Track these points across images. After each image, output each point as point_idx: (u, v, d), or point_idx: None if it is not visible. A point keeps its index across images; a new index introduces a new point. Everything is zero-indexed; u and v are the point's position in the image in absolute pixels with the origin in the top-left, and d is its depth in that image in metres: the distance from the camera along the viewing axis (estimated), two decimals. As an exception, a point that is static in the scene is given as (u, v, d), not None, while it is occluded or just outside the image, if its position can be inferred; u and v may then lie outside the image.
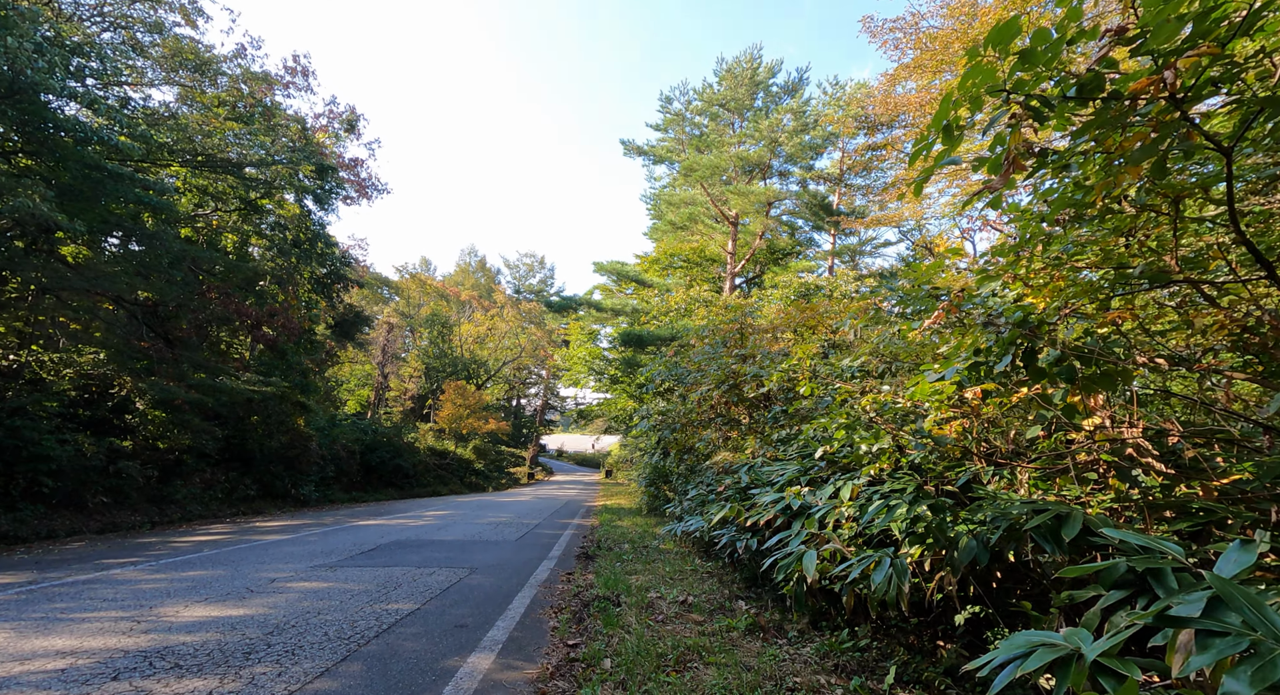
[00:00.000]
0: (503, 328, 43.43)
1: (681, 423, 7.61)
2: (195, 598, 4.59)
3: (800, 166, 17.57)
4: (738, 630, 3.82)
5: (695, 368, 7.55)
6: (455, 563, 6.63)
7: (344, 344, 34.34)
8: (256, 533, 9.86)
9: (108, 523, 11.58)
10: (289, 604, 4.41)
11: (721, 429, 6.63)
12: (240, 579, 5.40)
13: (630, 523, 11.70)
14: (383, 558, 6.86)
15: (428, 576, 5.72)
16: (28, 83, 6.13)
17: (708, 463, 5.97)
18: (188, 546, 8.03)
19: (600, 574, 5.96)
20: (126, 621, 3.85)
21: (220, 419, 16.02)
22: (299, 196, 14.34)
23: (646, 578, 5.67)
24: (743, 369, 6.19)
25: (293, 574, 5.71)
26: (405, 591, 5.00)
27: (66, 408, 12.72)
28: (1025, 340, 2.33)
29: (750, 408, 6.73)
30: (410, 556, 7.01)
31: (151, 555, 7.06)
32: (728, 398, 6.40)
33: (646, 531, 9.98)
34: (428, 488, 26.16)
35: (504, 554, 7.54)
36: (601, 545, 8.43)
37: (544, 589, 5.36)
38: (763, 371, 5.91)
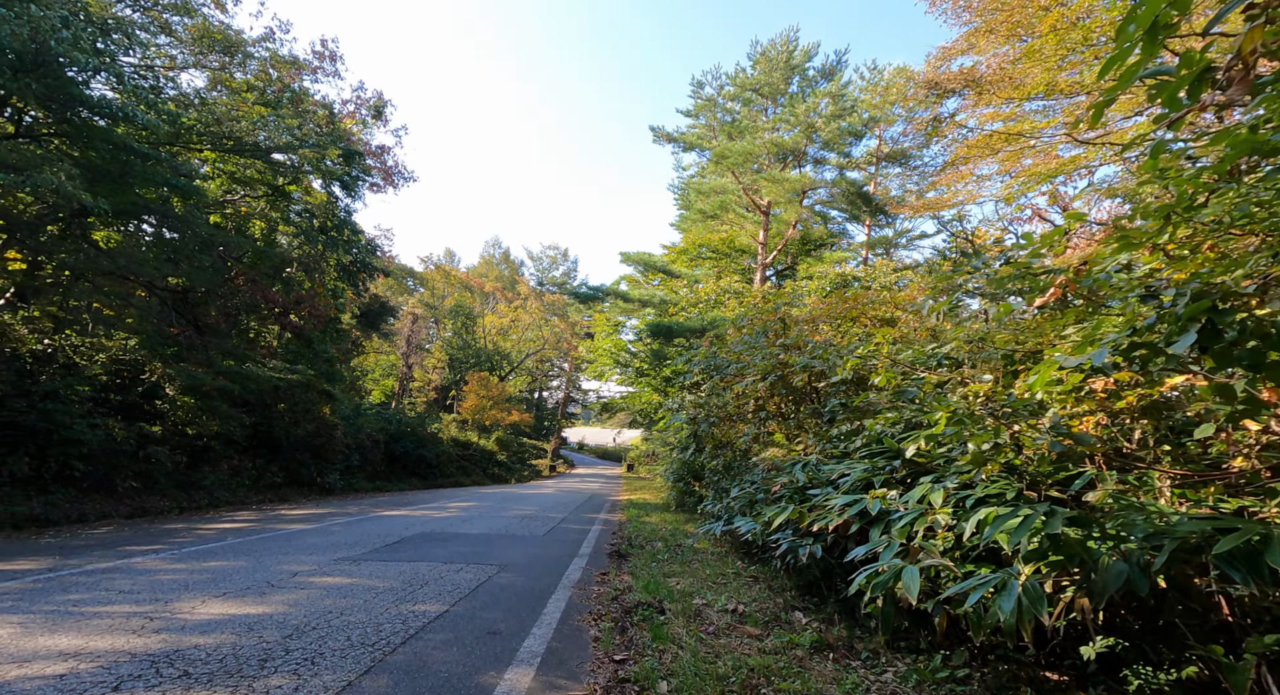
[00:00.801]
0: (526, 319, 43.38)
1: (719, 416, 7.18)
2: (214, 592, 4.33)
3: (837, 154, 16.88)
4: (802, 648, 3.40)
5: (735, 358, 7.10)
6: (483, 559, 6.33)
7: (369, 334, 34.63)
8: (281, 521, 9.72)
9: (137, 507, 11.61)
10: (310, 602, 4.12)
11: (766, 423, 6.18)
12: (261, 571, 5.15)
13: (659, 519, 11.33)
14: (408, 551, 6.59)
15: (455, 574, 5.41)
16: (52, 56, 5.95)
17: (755, 459, 5.53)
18: (212, 534, 7.88)
19: (637, 575, 5.59)
20: (139, 618, 3.58)
21: (248, 406, 16.06)
22: (326, 183, 14.20)
23: (687, 581, 5.28)
24: (791, 359, 5.73)
25: (315, 567, 5.44)
26: (432, 590, 4.68)
27: (98, 392, 12.80)
28: (1214, 316, 1.85)
29: (797, 401, 6.27)
30: (436, 551, 6.72)
31: (175, 543, 6.90)
32: (775, 390, 5.95)
33: (677, 529, 9.60)
34: (451, 478, 26.17)
35: (532, 550, 7.22)
36: (633, 543, 8.06)
37: (578, 591, 4.99)
38: (815, 362, 5.44)
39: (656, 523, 10.74)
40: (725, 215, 17.62)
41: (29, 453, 10.56)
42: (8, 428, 10.21)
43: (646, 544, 8.07)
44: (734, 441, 8.04)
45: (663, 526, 10.10)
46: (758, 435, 6.19)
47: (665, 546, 7.71)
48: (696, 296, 16.69)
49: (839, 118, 15.37)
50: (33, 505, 9.78)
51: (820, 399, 6.09)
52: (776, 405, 6.30)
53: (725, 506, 6.42)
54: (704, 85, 18.45)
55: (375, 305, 32.14)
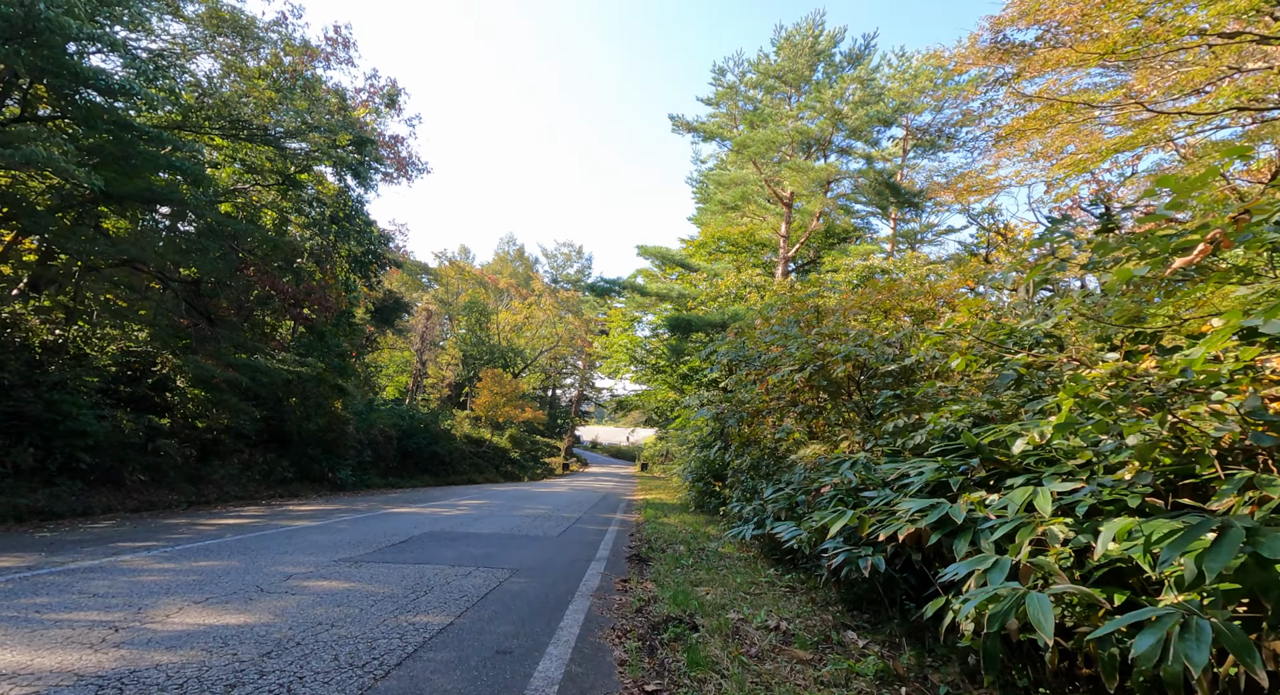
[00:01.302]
0: (540, 316, 43.07)
1: (749, 411, 6.64)
2: (196, 597, 3.90)
3: (864, 143, 16.16)
4: (865, 678, 2.86)
5: (764, 349, 6.56)
6: (493, 561, 5.86)
7: (383, 330, 34.56)
8: (287, 517, 9.37)
9: (144, 501, 11.36)
10: (300, 611, 3.67)
11: (805, 418, 5.64)
12: (254, 573, 4.72)
13: (678, 521, 10.81)
14: (414, 552, 6.15)
15: (463, 578, 4.94)
16: (42, 23, 5.62)
17: (793, 458, 4.99)
18: (212, 530, 7.52)
19: (662, 583, 5.08)
20: (103, 628, 3.15)
21: (259, 400, 15.84)
22: (338, 171, 13.89)
23: (718, 591, 4.75)
24: (832, 348, 5.18)
25: (313, 569, 5.01)
26: (437, 598, 4.21)
27: (107, 383, 12.59)
28: None
29: (835, 395, 5.72)
30: (444, 552, 6.27)
31: (171, 539, 6.53)
32: (814, 382, 5.41)
33: (698, 531, 9.07)
34: (463, 475, 25.90)
35: (546, 552, 6.74)
36: (653, 546, 7.55)
37: (598, 600, 4.49)
38: (861, 350, 4.88)
39: (675, 524, 10.23)
40: (746, 207, 17.01)
41: (34, 444, 10.31)
42: (12, 418, 9.98)
43: (667, 547, 7.56)
44: (762, 439, 7.50)
45: (682, 528, 9.59)
46: (794, 432, 5.65)
47: (688, 550, 7.19)
48: (716, 290, 16.12)
49: (867, 104, 14.70)
50: (36, 498, 9.53)
51: (862, 391, 5.53)
52: (815, 399, 5.75)
53: (756, 509, 5.89)
54: (725, 72, 17.84)
55: (390, 301, 32.03)
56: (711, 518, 11.09)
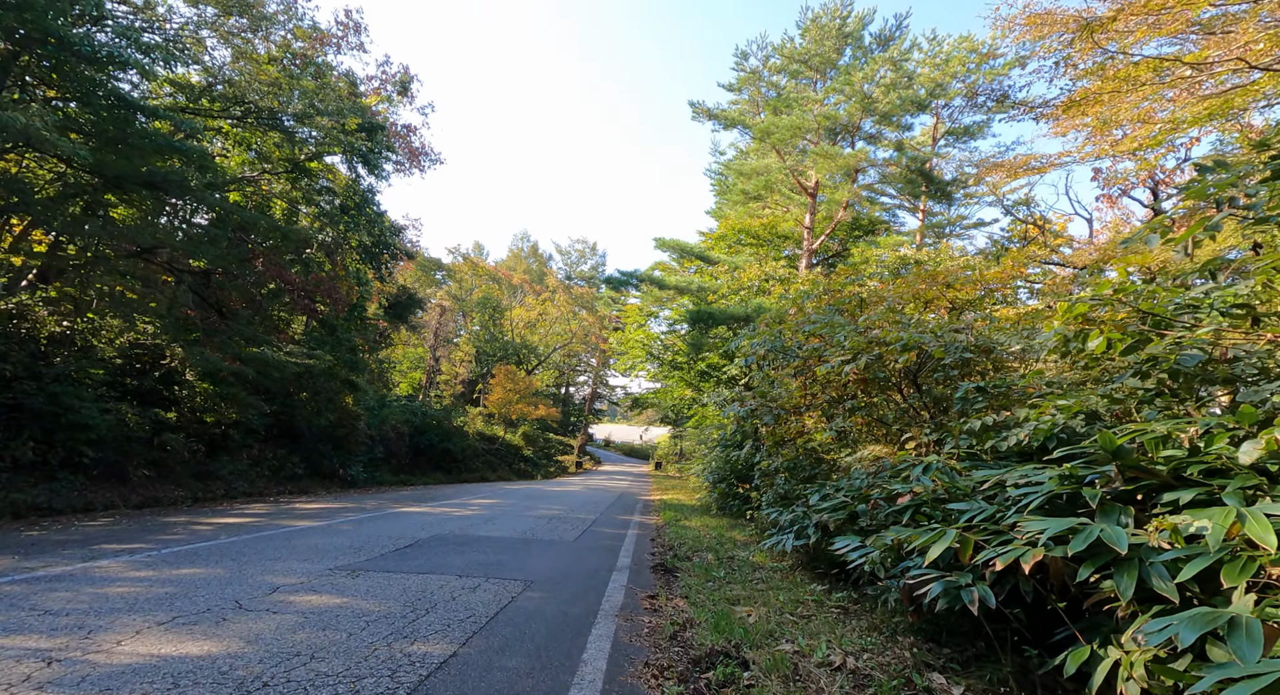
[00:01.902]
0: (554, 313, 42.62)
1: (785, 407, 6.00)
2: (161, 615, 3.37)
3: (895, 128, 15.34)
4: (973, 744, 2.24)
5: (804, 339, 5.91)
6: (505, 571, 5.30)
7: (397, 326, 34.30)
8: (290, 516, 8.91)
9: (149, 497, 11.01)
10: (277, 636, 3.11)
11: (854, 415, 4.99)
12: (238, 584, 4.20)
13: (700, 524, 10.19)
14: (419, 559, 5.60)
15: (470, 593, 4.37)
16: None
17: (848, 459, 4.34)
18: (207, 531, 7.05)
19: (695, 601, 4.47)
20: (35, 659, 2.62)
21: (268, 394, 15.51)
22: (348, 159, 13.45)
23: (761, 612, 4.14)
24: (889, 335, 4.53)
25: (304, 580, 4.48)
26: (439, 619, 3.64)
27: (113, 376, 12.27)
28: None
29: (889, 388, 5.07)
30: (452, 559, 5.72)
31: (161, 541, 6.06)
32: (869, 374, 4.76)
33: (723, 536, 8.45)
34: (476, 473, 25.50)
35: (562, 560, 6.17)
36: (678, 553, 6.95)
37: (624, 623, 3.90)
38: (928, 338, 4.23)
39: (698, 528, 9.62)
40: (769, 196, 16.29)
41: (34, 437, 9.96)
42: (13, 410, 9.63)
43: (693, 554, 6.95)
44: (797, 438, 6.85)
45: (706, 532, 8.97)
46: (845, 431, 4.99)
47: (717, 560, 6.57)
48: (738, 283, 15.44)
49: (898, 88, 13.91)
50: (36, 493, 9.18)
51: (921, 385, 4.88)
52: (868, 394, 5.10)
53: (797, 516, 5.25)
54: (748, 56, 17.07)
55: (403, 297, 31.73)
56: (736, 521, 10.46)
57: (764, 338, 6.25)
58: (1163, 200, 14.89)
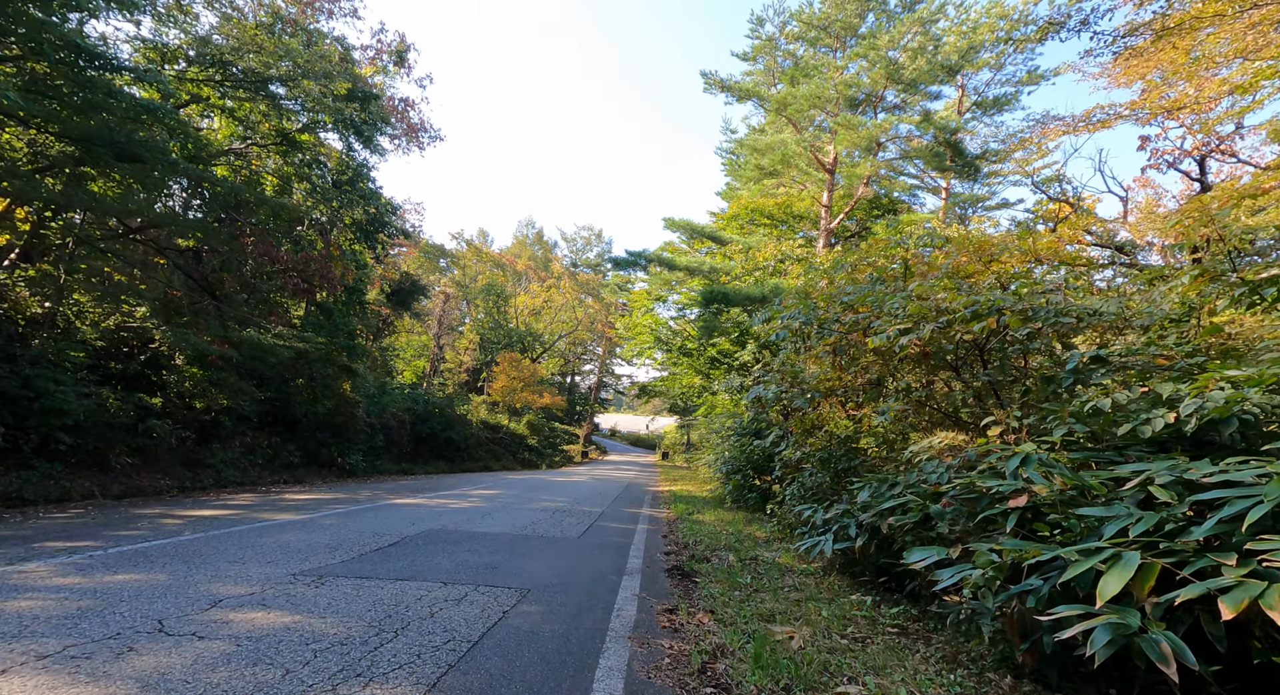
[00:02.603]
0: (559, 300, 41.84)
1: (821, 390, 5.21)
2: (52, 643, 2.66)
3: (922, 96, 14.33)
4: None
5: (840, 311, 5.11)
6: (498, 576, 4.58)
7: (400, 313, 33.69)
8: (274, 508, 8.24)
9: (132, 486, 10.41)
10: (186, 678, 2.39)
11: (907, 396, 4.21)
12: (171, 597, 3.50)
13: (714, 518, 9.47)
14: (401, 561, 4.90)
15: (453, 606, 3.65)
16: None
17: (911, 450, 3.56)
18: (174, 526, 6.38)
19: (723, 617, 3.74)
20: None
21: (262, 380, 14.89)
22: (340, 130, 12.66)
23: (805, 633, 3.39)
24: (956, 301, 3.73)
25: (256, 589, 3.77)
26: (409, 645, 2.92)
27: (96, 360, 11.63)
28: None
29: (942, 365, 4.28)
30: (439, 560, 5.01)
31: (115, 538, 5.39)
32: (932, 347, 3.97)
33: (742, 534, 7.72)
34: (479, 462, 24.91)
35: (565, 561, 5.45)
36: (695, 554, 6.22)
37: (640, 647, 3.17)
38: (1008, 300, 3.44)
39: (713, 523, 8.90)
40: (786, 172, 15.37)
41: (4, 423, 9.33)
42: (-21, 393, 9.03)
43: (711, 554, 6.23)
44: (829, 425, 6.07)
45: (722, 528, 8.25)
46: (901, 414, 4.20)
47: (739, 561, 5.84)
48: (753, 262, 14.60)
49: (926, 53, 12.91)
50: (6, 482, 8.58)
51: (985, 360, 4.08)
52: (926, 371, 4.30)
53: (839, 515, 4.50)
54: (764, 22, 16.01)
55: (406, 283, 31.07)
56: (754, 516, 9.73)
57: (795, 310, 5.45)
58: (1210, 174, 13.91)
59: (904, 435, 6.37)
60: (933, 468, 3.24)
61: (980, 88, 19.37)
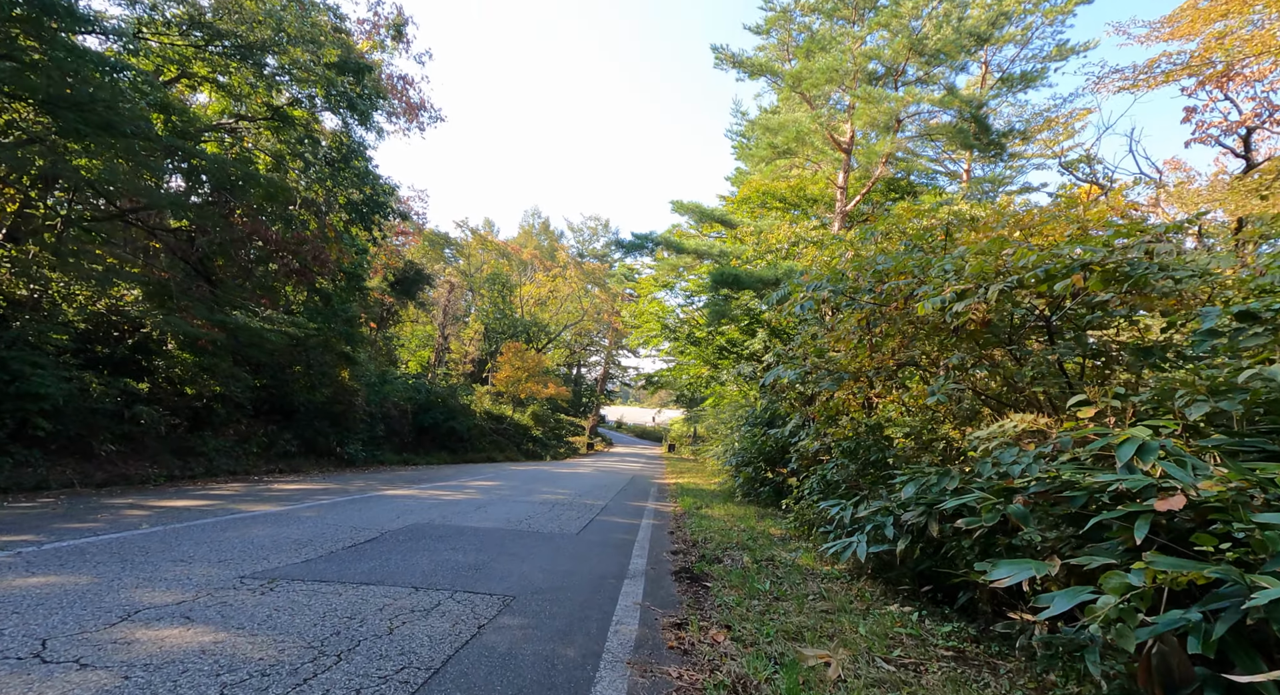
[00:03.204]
0: (565, 290, 41.22)
1: (850, 370, 4.56)
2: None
3: (948, 66, 13.47)
4: None
5: (875, 280, 4.45)
6: (481, 579, 3.99)
7: (404, 302, 33.21)
8: (256, 499, 7.71)
9: (117, 474, 9.95)
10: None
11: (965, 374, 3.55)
12: (82, 608, 2.93)
13: (724, 513, 8.86)
14: (373, 560, 4.32)
15: (420, 619, 3.06)
16: None
17: (972, 439, 2.92)
18: (135, 518, 5.84)
19: (741, 634, 3.13)
20: None
21: (258, 366, 14.43)
22: (332, 104, 12.04)
23: (843, 657, 2.78)
24: (1027, 255, 3.07)
25: (189, 596, 3.20)
26: (349, 676, 2.33)
27: (81, 343, 11.15)
28: None
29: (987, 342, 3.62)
30: (417, 560, 4.44)
31: (62, 531, 4.86)
32: (994, 314, 3.33)
33: (755, 530, 7.10)
34: (482, 453, 24.46)
35: (560, 561, 4.86)
36: (705, 554, 5.61)
37: (641, 677, 2.57)
38: (1101, 253, 2.79)
39: (723, 518, 8.29)
40: (800, 151, 14.62)
41: (-26, 407, 8.86)
42: (-51, 377, 8.57)
43: (723, 554, 5.62)
44: (856, 411, 5.43)
45: (733, 524, 7.64)
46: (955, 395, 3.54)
47: (754, 563, 5.23)
48: (765, 245, 13.90)
49: (952, 20, 12.09)
50: (-24, 468, 8.13)
51: (1053, 330, 3.42)
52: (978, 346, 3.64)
53: (876, 514, 3.87)
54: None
55: (410, 272, 30.58)
56: (766, 511, 9.12)
57: (823, 280, 4.79)
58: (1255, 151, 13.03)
59: (934, 424, 5.73)
60: (1011, 457, 2.60)
61: (1004, 65, 18.43)
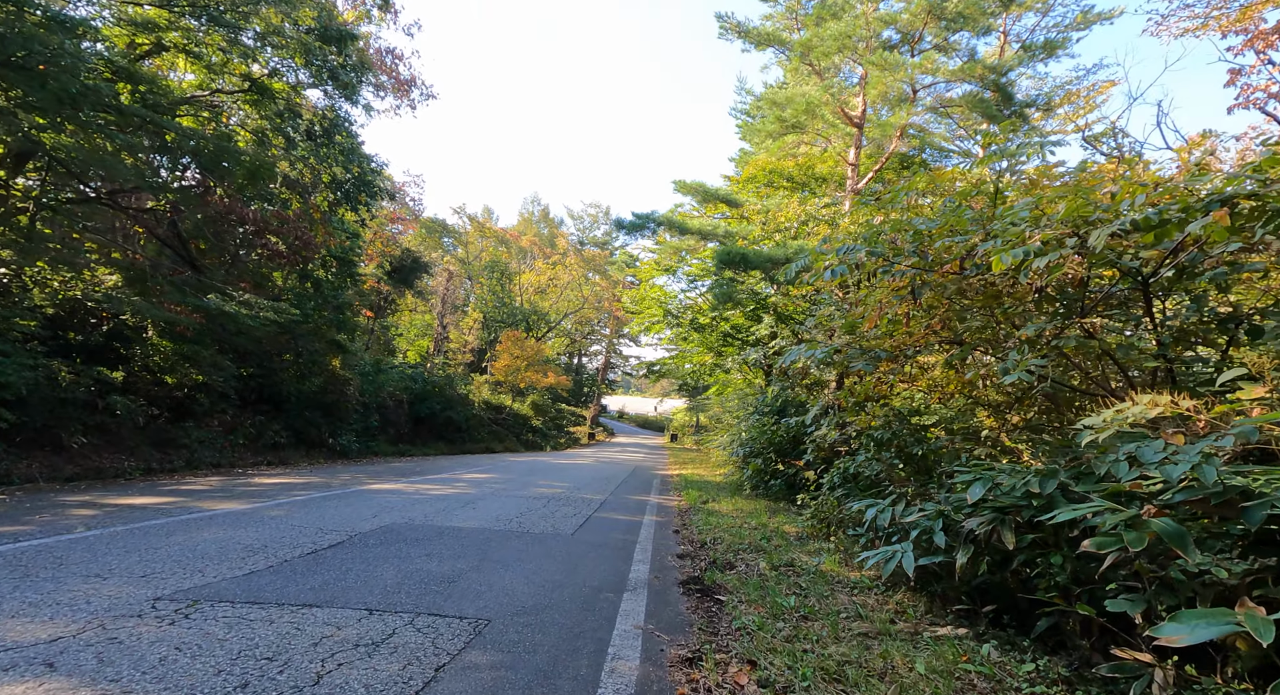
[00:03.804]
0: (565, 278, 40.42)
1: (892, 349, 3.86)
2: None
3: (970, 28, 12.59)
4: None
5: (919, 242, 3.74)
6: (452, 597, 3.34)
7: (402, 291, 32.50)
8: (225, 496, 7.08)
9: (89, 467, 9.36)
10: None
11: (1049, 346, 2.86)
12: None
13: (732, 508, 8.23)
14: (327, 573, 3.68)
15: (360, 660, 2.42)
16: None
17: (1085, 423, 2.26)
18: (78, 519, 5.21)
19: (770, 672, 2.49)
20: None
21: (244, 355, 13.80)
22: (314, 74, 11.28)
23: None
24: (1136, 191, 2.41)
25: (70, 632, 2.56)
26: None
27: (52, 329, 10.50)
28: None
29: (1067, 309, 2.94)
30: (381, 571, 3.80)
31: (-22, 536, 4.23)
32: (1090, 267, 2.66)
33: (768, 528, 6.46)
34: (481, 444, 23.88)
35: (550, 570, 4.22)
36: (715, 557, 4.97)
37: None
38: (1228, 189, 2.11)
39: (731, 514, 7.66)
40: (811, 124, 13.80)
41: (-76, 397, 8.24)
42: (-102, 365, 7.96)
43: (736, 558, 4.97)
44: (888, 396, 4.75)
45: (743, 521, 7.00)
46: (1041, 372, 2.83)
47: (772, 569, 4.58)
48: (774, 224, 13.15)
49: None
50: (-71, 462, 7.54)
51: (1150, 293, 2.74)
52: (1050, 313, 2.95)
53: (925, 518, 3.21)
54: (789, -48, 14.35)
55: (407, 260, 29.86)
56: (777, 505, 8.48)
57: (863, 236, 4.08)
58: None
59: (971, 411, 5.05)
60: (1155, 453, 1.91)
61: (1023, 34, 17.51)
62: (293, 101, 12.18)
